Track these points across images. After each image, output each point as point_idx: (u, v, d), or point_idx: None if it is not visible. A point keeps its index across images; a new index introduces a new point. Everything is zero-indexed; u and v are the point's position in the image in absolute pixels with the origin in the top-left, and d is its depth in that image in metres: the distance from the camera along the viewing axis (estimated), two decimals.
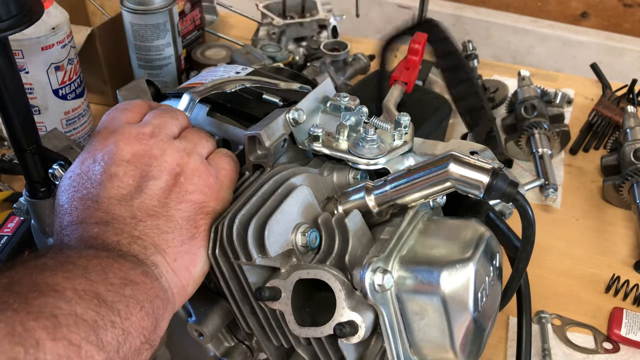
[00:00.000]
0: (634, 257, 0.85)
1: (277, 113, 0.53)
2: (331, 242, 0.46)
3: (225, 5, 1.26)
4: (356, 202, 0.49)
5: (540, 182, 0.84)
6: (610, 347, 0.73)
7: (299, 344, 0.48)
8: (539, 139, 0.96)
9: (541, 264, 0.83)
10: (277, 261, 0.46)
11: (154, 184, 0.45)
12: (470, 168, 0.43)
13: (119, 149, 0.46)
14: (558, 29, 1.55)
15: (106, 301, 0.37)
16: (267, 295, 0.45)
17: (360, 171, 0.52)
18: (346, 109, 0.55)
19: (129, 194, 0.44)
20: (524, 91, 1.04)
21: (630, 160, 0.92)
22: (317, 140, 0.53)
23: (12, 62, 0.47)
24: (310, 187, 0.49)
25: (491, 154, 0.55)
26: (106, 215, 0.43)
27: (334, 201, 0.50)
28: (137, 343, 0.38)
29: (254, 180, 0.51)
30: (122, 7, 0.93)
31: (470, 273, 0.43)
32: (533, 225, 0.44)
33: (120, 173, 0.45)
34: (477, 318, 0.44)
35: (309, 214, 0.48)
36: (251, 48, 1.09)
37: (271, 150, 0.51)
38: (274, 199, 0.47)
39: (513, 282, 0.49)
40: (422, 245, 0.46)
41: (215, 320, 0.52)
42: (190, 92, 0.57)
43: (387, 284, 0.42)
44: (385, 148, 0.52)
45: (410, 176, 0.46)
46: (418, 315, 0.44)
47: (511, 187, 0.43)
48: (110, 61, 1.03)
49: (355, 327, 0.43)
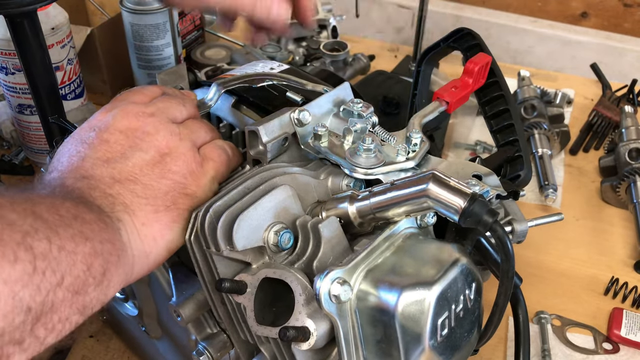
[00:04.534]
0: (634, 257, 0.85)
1: (283, 111, 0.53)
2: (305, 246, 0.46)
3: None
4: (339, 210, 0.48)
5: (553, 219, 0.74)
6: (610, 347, 0.73)
7: (261, 342, 0.48)
8: (539, 139, 0.96)
9: (541, 264, 0.83)
10: (248, 256, 0.46)
11: (140, 155, 0.47)
12: (448, 190, 0.42)
13: (116, 121, 0.48)
14: (558, 29, 1.55)
15: (45, 220, 0.36)
16: (228, 287, 0.45)
17: (354, 179, 0.51)
18: (358, 115, 0.54)
19: (114, 158, 0.46)
20: (524, 91, 1.04)
21: (625, 160, 0.92)
22: (319, 139, 0.52)
23: (40, 36, 0.50)
24: (297, 188, 0.49)
25: (496, 181, 0.52)
26: (86, 172, 0.45)
27: (322, 205, 0.50)
28: (79, 271, 0.37)
29: (244, 173, 0.52)
30: (122, 7, 0.93)
31: (431, 298, 0.41)
32: (511, 259, 0.41)
33: (112, 140, 0.47)
34: (436, 347, 0.43)
35: (288, 215, 0.48)
36: (251, 48, 1.09)
37: (268, 146, 0.51)
38: (253, 194, 0.47)
39: (494, 317, 0.46)
40: (394, 263, 0.44)
41: (194, 304, 0.53)
42: (218, 82, 0.60)
43: (343, 295, 0.41)
44: (382, 159, 0.51)
45: (391, 191, 0.45)
46: (374, 333, 0.43)
47: (489, 215, 0.40)
48: (110, 61, 1.03)
49: (306, 334, 0.42)
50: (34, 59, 0.51)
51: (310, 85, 0.63)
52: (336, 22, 1.18)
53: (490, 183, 0.52)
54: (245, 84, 0.61)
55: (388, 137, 0.53)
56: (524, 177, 0.64)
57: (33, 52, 0.51)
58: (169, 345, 0.62)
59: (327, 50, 1.10)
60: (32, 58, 0.51)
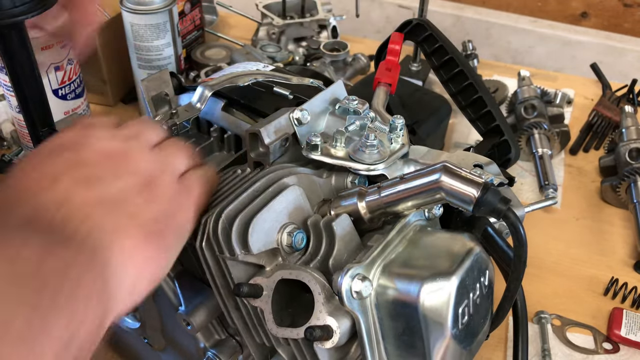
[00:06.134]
0: (634, 257, 0.85)
1: (282, 112, 0.53)
2: (318, 245, 0.46)
3: (225, 5, 1.26)
4: (348, 207, 0.49)
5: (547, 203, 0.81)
6: (610, 347, 0.73)
7: (279, 344, 0.48)
8: (539, 139, 0.97)
9: (541, 264, 0.83)
10: (262, 259, 0.46)
11: (125, 180, 0.42)
12: (461, 181, 0.42)
13: (95, 141, 0.43)
14: (558, 29, 1.55)
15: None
16: (246, 292, 0.44)
17: (358, 176, 0.51)
18: (355, 112, 0.54)
19: (94, 182, 0.40)
20: (523, 91, 1.04)
21: (625, 160, 0.92)
22: (315, 149, 0.52)
23: (28, 47, 0.48)
24: (304, 188, 0.49)
25: (496, 169, 0.53)
26: (61, 196, 0.39)
27: (328, 204, 0.50)
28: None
29: (250, 176, 0.51)
30: (122, 7, 0.93)
31: (451, 288, 0.42)
32: (524, 245, 0.42)
33: (91, 161, 0.42)
34: (457, 335, 0.43)
35: (299, 215, 0.48)
36: (251, 48, 1.09)
37: (270, 148, 0.51)
38: (263, 196, 0.47)
39: (505, 302, 0.47)
40: (408, 256, 0.45)
41: (204, 312, 0.52)
42: (204, 84, 0.58)
43: (364, 291, 0.42)
44: (385, 153, 0.51)
45: (402, 185, 0.46)
46: (395, 326, 0.43)
47: (502, 203, 0.41)
48: (110, 61, 1.03)
49: (329, 332, 0.42)
50: (22, 71, 0.50)
51: (295, 79, 0.63)
52: (336, 22, 1.18)
53: (491, 171, 0.53)
54: (230, 83, 0.60)
55: (381, 126, 0.54)
56: (514, 157, 0.68)
57: (22, 64, 0.50)
58: (173, 356, 0.61)
59: (327, 50, 1.10)
60: (20, 70, 0.50)
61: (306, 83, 0.62)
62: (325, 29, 1.18)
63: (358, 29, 1.48)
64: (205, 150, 0.61)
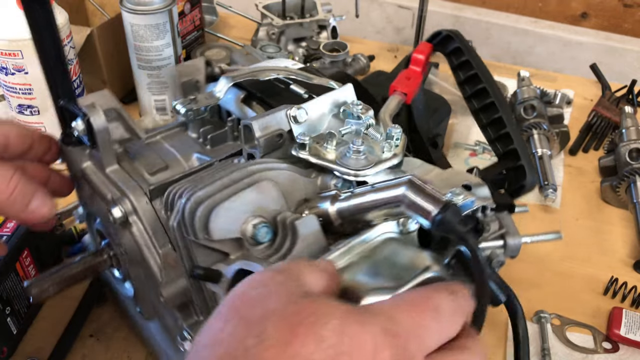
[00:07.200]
0: (633, 257, 0.85)
1: (280, 108, 0.54)
2: (282, 242, 0.47)
3: (225, 6, 1.26)
4: (320, 209, 0.49)
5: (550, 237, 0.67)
6: (610, 346, 0.73)
7: None
8: (539, 139, 0.97)
9: (541, 264, 0.83)
10: (227, 246, 0.47)
11: None
12: (422, 196, 0.41)
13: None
14: (558, 29, 1.56)
15: None
16: (201, 274, 0.45)
17: (342, 180, 0.51)
18: (357, 117, 0.55)
19: None
20: (523, 92, 1.04)
21: (625, 160, 0.92)
22: (303, 148, 0.52)
23: (51, 15, 0.50)
24: (284, 184, 0.49)
25: (486, 192, 0.49)
26: None
27: (307, 203, 0.50)
28: None
29: (235, 165, 0.52)
30: (122, 8, 0.93)
31: None
32: (483, 277, 0.38)
33: None
34: None
35: (269, 210, 0.48)
36: (251, 48, 1.10)
37: (260, 141, 0.52)
38: (235, 186, 0.48)
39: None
40: (362, 266, 0.43)
41: (174, 288, 0.53)
42: (227, 75, 0.61)
43: None
44: (373, 160, 0.51)
45: (370, 194, 0.45)
46: None
47: (461, 224, 0.38)
48: (110, 62, 1.03)
49: None
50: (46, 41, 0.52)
51: (316, 80, 0.64)
52: (336, 23, 1.18)
53: (479, 194, 0.49)
54: (252, 77, 0.62)
55: (374, 134, 0.54)
56: (529, 185, 0.65)
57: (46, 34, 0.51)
58: (160, 327, 0.63)
59: (326, 50, 1.10)
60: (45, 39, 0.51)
61: (325, 84, 0.63)
62: (325, 30, 1.19)
63: (358, 30, 1.48)
64: (219, 137, 0.63)
